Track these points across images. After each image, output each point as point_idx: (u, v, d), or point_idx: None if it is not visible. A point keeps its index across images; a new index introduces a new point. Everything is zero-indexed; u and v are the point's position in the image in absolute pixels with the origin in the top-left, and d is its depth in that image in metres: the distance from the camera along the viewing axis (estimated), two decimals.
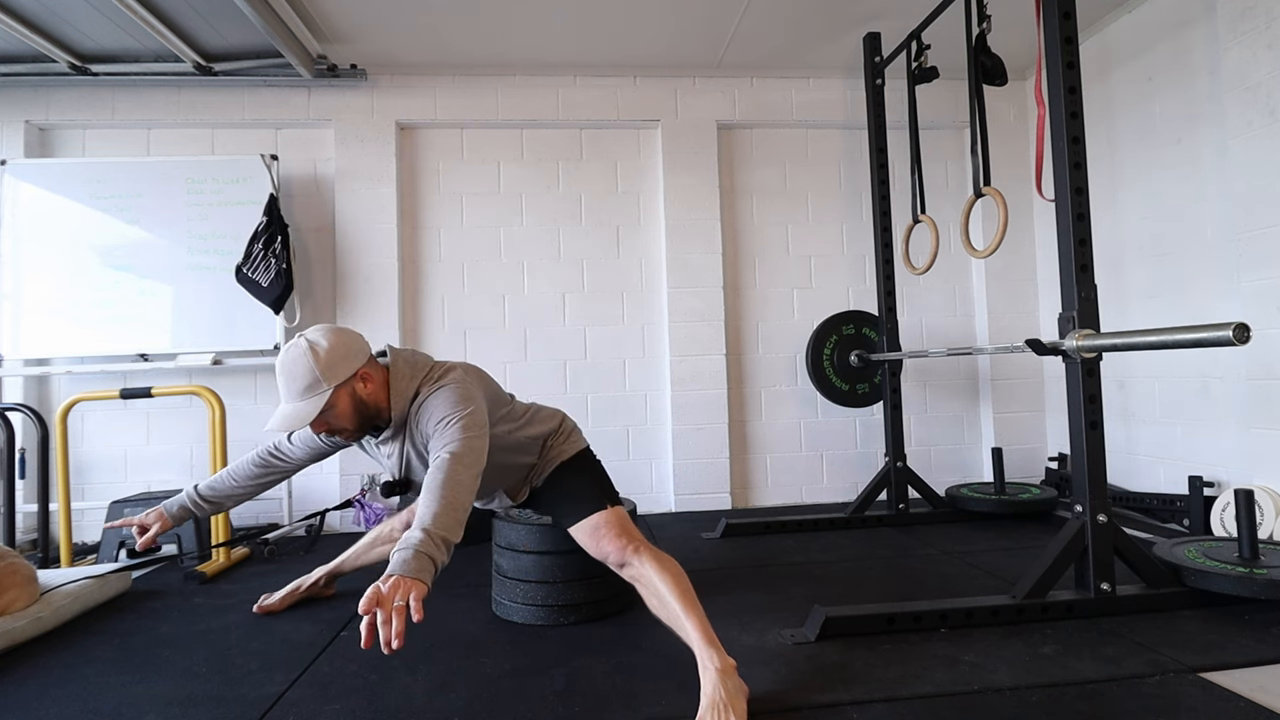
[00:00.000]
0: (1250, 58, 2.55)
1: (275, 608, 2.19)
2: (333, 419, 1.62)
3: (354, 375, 1.62)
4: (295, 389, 1.57)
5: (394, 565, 1.28)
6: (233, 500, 1.94)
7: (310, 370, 1.56)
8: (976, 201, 2.67)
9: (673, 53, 3.52)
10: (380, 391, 1.66)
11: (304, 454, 1.91)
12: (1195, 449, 2.90)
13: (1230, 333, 1.47)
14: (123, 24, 2.98)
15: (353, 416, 1.64)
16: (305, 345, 1.59)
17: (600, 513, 1.78)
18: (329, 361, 1.58)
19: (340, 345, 1.61)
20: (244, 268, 3.19)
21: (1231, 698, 1.47)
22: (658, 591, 1.61)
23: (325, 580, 2.29)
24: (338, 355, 1.60)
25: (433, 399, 1.63)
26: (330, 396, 1.57)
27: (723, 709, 1.39)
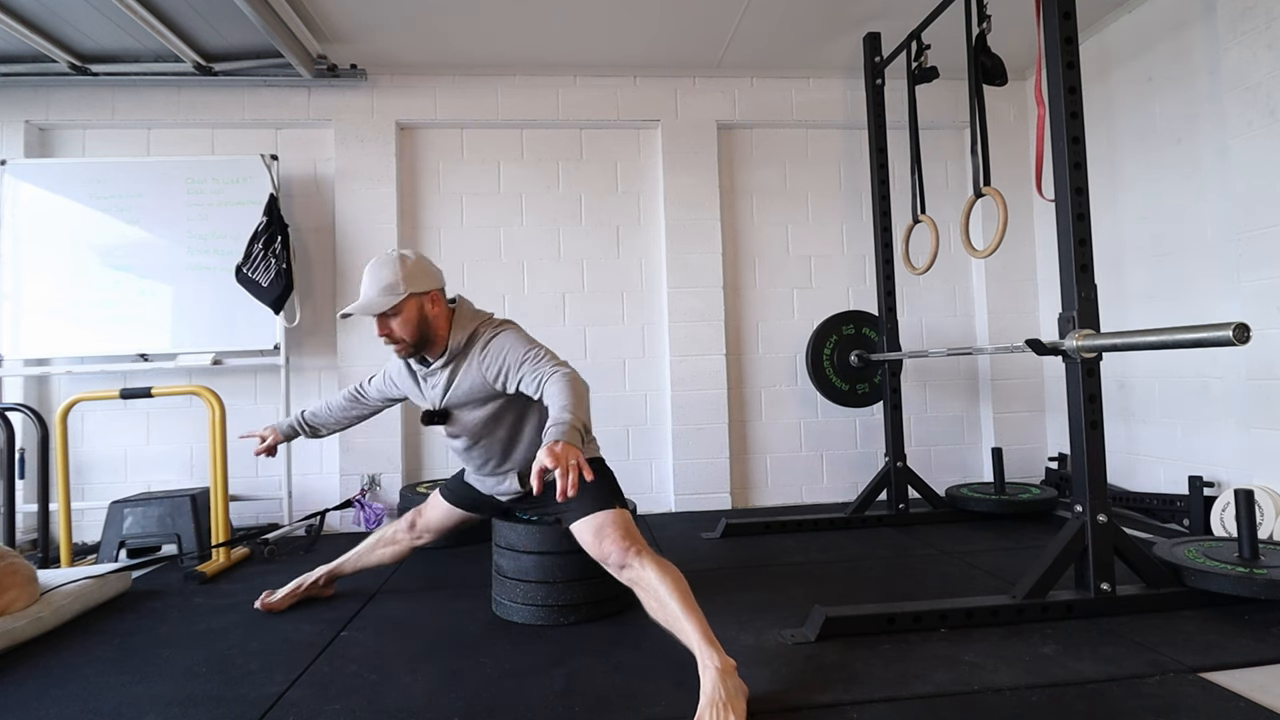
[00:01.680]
0: (1250, 58, 2.55)
1: (277, 606, 2.19)
2: (396, 324, 1.81)
3: (426, 293, 1.83)
4: (376, 286, 1.78)
5: (554, 435, 1.45)
6: (326, 429, 2.23)
7: (394, 273, 1.79)
8: (976, 201, 2.67)
9: (673, 53, 3.52)
10: (442, 320, 1.87)
11: (378, 397, 2.16)
12: (1195, 449, 2.90)
13: (1230, 333, 1.47)
14: (123, 24, 2.98)
15: (414, 329, 1.82)
16: (395, 254, 1.83)
17: (606, 512, 1.79)
18: (410, 273, 1.80)
19: (422, 264, 1.85)
20: (244, 268, 3.19)
21: (1231, 698, 1.47)
22: (657, 594, 1.61)
23: (325, 580, 2.28)
24: (419, 270, 1.83)
25: (501, 338, 1.84)
26: (402, 300, 1.78)
27: (722, 707, 1.40)
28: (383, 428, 3.44)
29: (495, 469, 2.02)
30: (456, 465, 3.59)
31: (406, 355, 1.89)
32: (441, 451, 3.58)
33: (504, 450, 1.99)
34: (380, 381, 2.13)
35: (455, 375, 1.87)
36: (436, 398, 1.92)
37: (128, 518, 2.86)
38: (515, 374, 1.78)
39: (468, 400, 1.88)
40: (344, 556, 2.30)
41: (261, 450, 2.18)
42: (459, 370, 1.87)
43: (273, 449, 2.20)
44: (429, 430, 3.57)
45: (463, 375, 1.86)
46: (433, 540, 2.27)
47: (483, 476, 2.08)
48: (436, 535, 2.25)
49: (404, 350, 1.86)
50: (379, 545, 2.28)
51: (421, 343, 1.85)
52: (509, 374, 1.79)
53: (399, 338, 1.82)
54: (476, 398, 1.88)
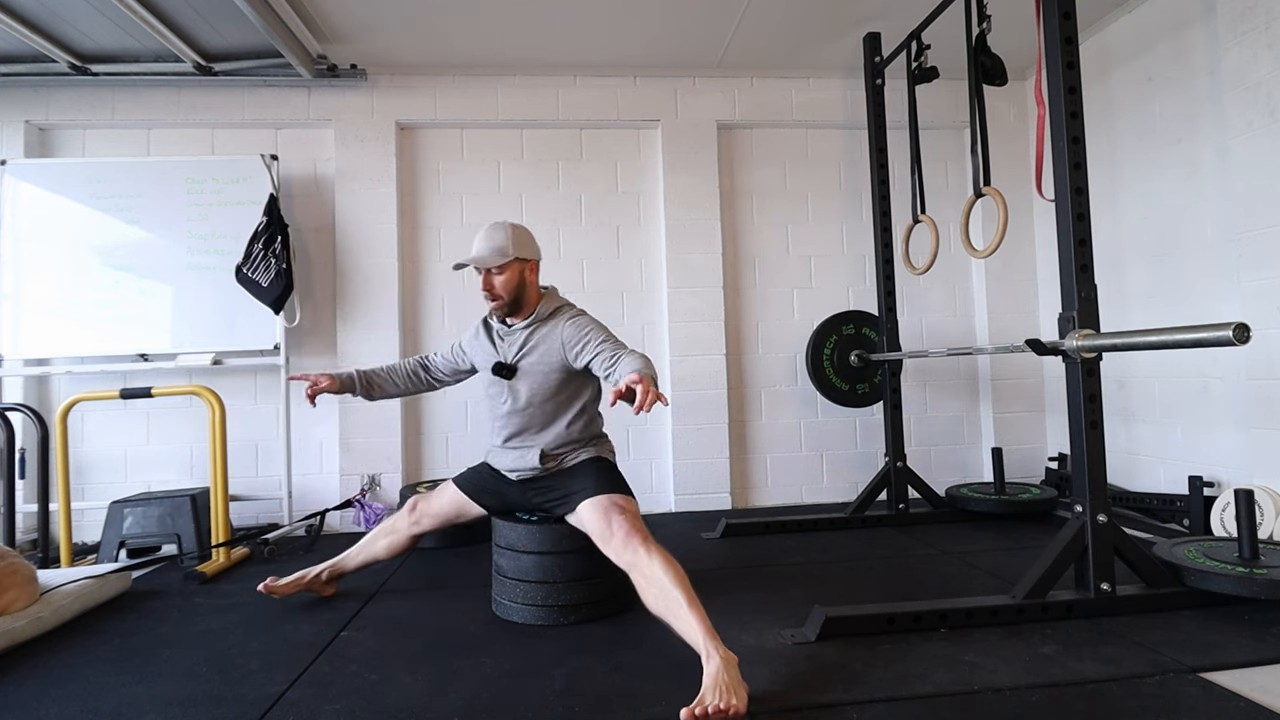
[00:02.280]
0: (1250, 58, 2.55)
1: (280, 590, 2.19)
2: (499, 282, 2.01)
3: (528, 261, 2.05)
4: (489, 245, 2.01)
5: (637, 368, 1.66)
6: (381, 392, 2.29)
7: (506, 237, 2.01)
8: (976, 201, 2.67)
9: (673, 53, 3.52)
10: (534, 290, 2.09)
11: (447, 370, 2.29)
12: (1195, 449, 2.90)
13: (1230, 333, 1.47)
14: (123, 24, 2.98)
15: (512, 289, 2.02)
16: (507, 223, 2.05)
17: (615, 495, 1.91)
18: (519, 240, 2.03)
19: (529, 236, 2.08)
20: (244, 268, 3.19)
21: (1231, 698, 1.47)
22: (661, 584, 1.65)
23: (328, 576, 2.28)
24: (526, 239, 2.06)
25: (581, 318, 2.05)
26: (509, 262, 2.00)
27: (725, 689, 1.41)
28: (383, 427, 3.44)
29: (526, 440, 2.07)
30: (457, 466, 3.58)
31: (500, 312, 2.07)
32: (441, 451, 3.58)
33: (544, 421, 2.06)
34: (449, 354, 2.27)
35: (533, 338, 2.05)
36: (510, 353, 2.07)
37: (128, 518, 2.86)
38: (594, 349, 1.93)
39: (538, 363, 2.03)
40: (347, 552, 2.29)
41: (312, 392, 2.17)
42: (538, 334, 2.05)
43: (319, 393, 2.18)
44: (429, 431, 3.57)
45: (541, 339, 2.04)
46: (431, 527, 2.24)
47: (508, 449, 2.10)
48: (435, 523, 2.23)
49: (499, 307, 2.04)
50: (380, 536, 2.27)
51: (514, 304, 2.04)
52: (587, 347, 1.95)
53: (498, 294, 2.01)
54: (546, 362, 2.02)
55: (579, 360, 1.96)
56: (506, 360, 2.06)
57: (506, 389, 2.06)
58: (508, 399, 2.06)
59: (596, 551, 2.05)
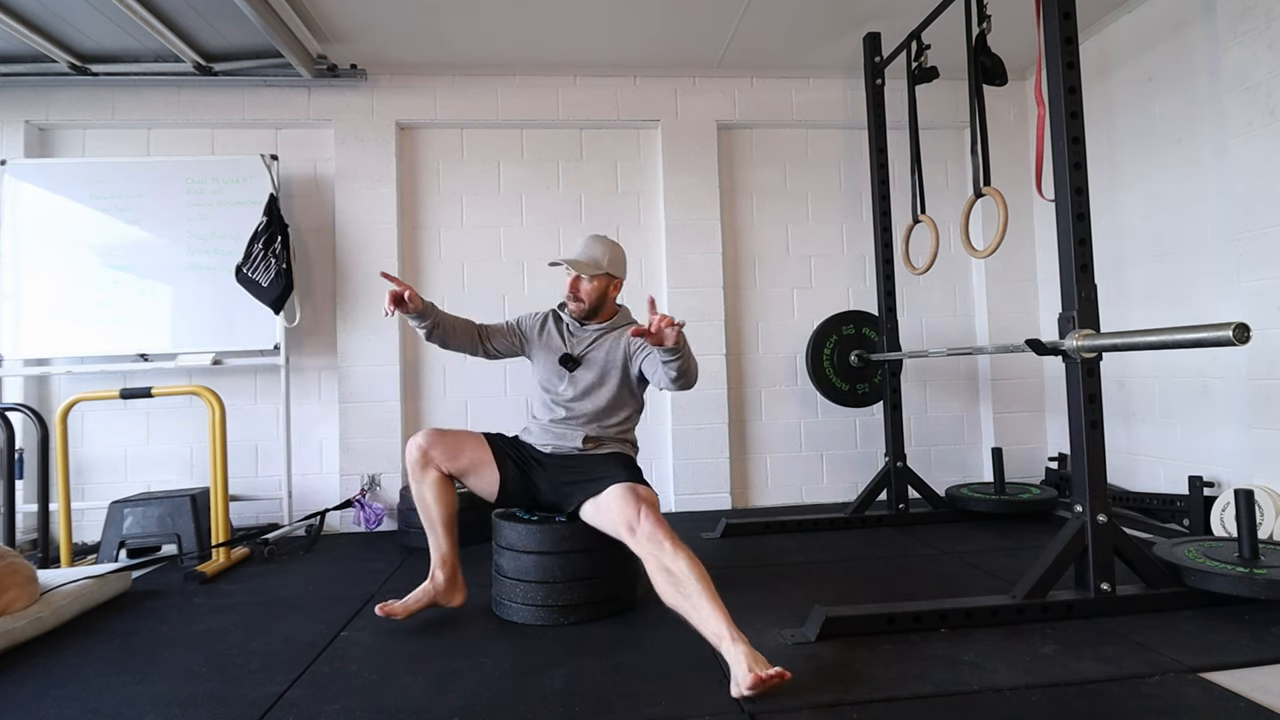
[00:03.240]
0: (1250, 58, 2.55)
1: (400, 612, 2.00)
2: (586, 289, 2.16)
3: (615, 278, 2.22)
4: (586, 254, 2.17)
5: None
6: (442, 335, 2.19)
7: (605, 251, 2.18)
8: (976, 201, 2.67)
9: (673, 53, 3.52)
10: (612, 304, 2.26)
11: (499, 346, 2.29)
12: (1195, 449, 2.90)
13: (1230, 333, 1.47)
14: (123, 24, 2.98)
15: (595, 298, 2.17)
16: (609, 240, 2.21)
17: (643, 486, 1.97)
18: (615, 258, 2.20)
19: (623, 255, 2.25)
20: (244, 268, 3.19)
21: (1231, 698, 1.47)
22: (684, 576, 1.67)
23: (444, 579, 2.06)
24: (620, 258, 2.23)
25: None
26: (601, 274, 2.16)
27: (761, 662, 1.49)
28: (383, 427, 3.44)
29: (572, 423, 2.16)
30: None
31: (578, 314, 2.20)
32: None
33: (593, 413, 2.16)
34: (504, 327, 2.30)
35: (603, 340, 2.20)
36: (578, 348, 2.21)
37: (128, 518, 2.86)
38: (645, 353, 2.07)
39: (601, 361, 2.18)
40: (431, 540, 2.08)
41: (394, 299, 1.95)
42: (607, 338, 2.20)
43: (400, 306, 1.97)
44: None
45: (609, 342, 2.20)
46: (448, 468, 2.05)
47: (553, 427, 2.17)
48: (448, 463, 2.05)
49: (579, 309, 2.19)
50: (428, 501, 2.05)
51: (593, 310, 2.19)
52: (642, 351, 2.09)
53: (581, 298, 2.16)
54: (609, 361, 2.17)
55: (635, 362, 2.13)
56: (574, 353, 2.20)
57: (567, 379, 2.18)
58: (566, 387, 2.18)
59: (596, 552, 2.06)
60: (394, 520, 3.35)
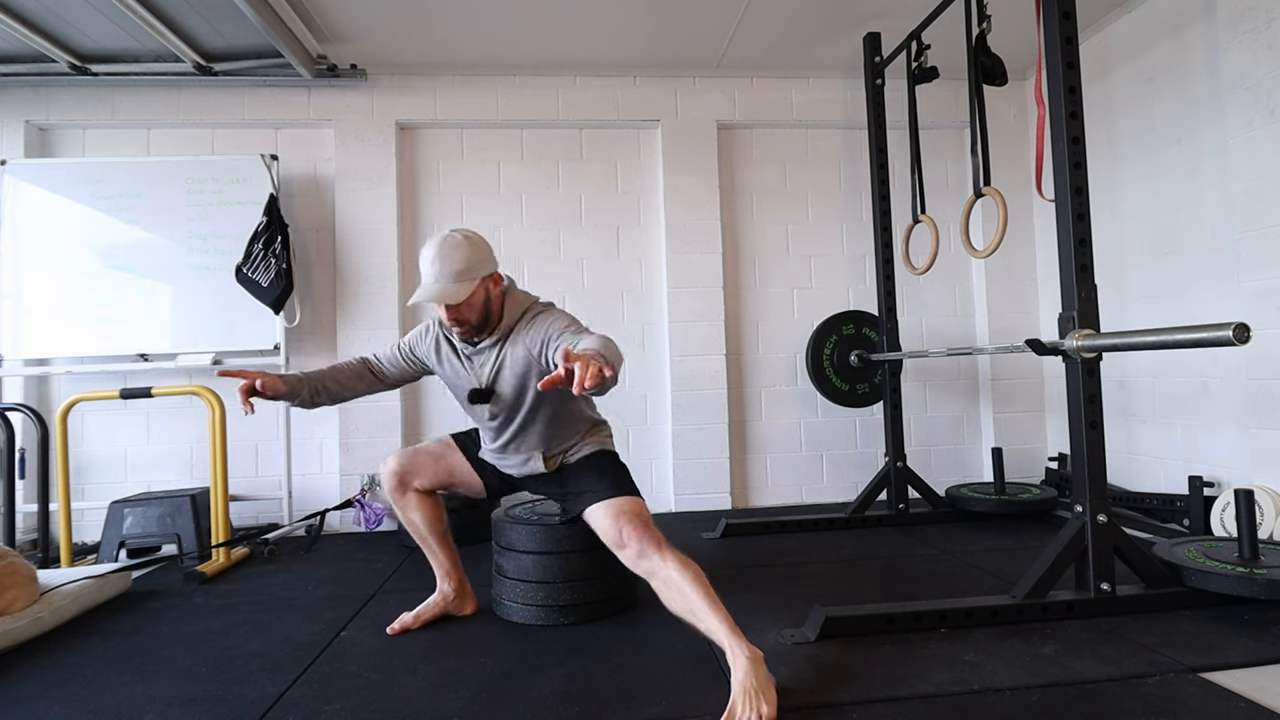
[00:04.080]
0: (1250, 58, 2.55)
1: (413, 625, 2.01)
2: (465, 308, 1.77)
3: (490, 275, 1.81)
4: (449, 270, 1.73)
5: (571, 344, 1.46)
6: (329, 396, 1.97)
7: (466, 258, 1.74)
8: (976, 201, 2.67)
9: (673, 53, 3.52)
10: (498, 300, 1.86)
11: (394, 374, 2.03)
12: (1195, 449, 2.90)
13: (1230, 333, 1.47)
14: (123, 24, 2.98)
15: (480, 312, 1.80)
16: (462, 238, 1.77)
17: (624, 498, 1.81)
18: (481, 257, 1.78)
19: (484, 245, 1.82)
20: (244, 268, 3.19)
21: (1231, 698, 1.47)
22: (679, 587, 1.61)
23: (453, 592, 2.08)
24: (485, 254, 1.80)
25: (548, 314, 1.87)
26: (474, 284, 1.75)
27: (755, 694, 1.42)
28: (383, 427, 3.44)
29: (522, 444, 1.96)
30: None
31: (468, 338, 1.85)
32: None
33: (540, 429, 1.94)
34: (393, 356, 2.01)
35: (503, 353, 1.86)
36: (484, 376, 1.88)
37: (128, 518, 2.86)
38: (555, 342, 1.74)
39: (513, 379, 1.86)
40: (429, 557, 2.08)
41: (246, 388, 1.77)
42: (507, 348, 1.85)
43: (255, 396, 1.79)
44: (429, 431, 3.57)
45: (511, 352, 1.85)
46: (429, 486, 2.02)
47: (508, 455, 1.99)
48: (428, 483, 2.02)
49: (466, 333, 1.83)
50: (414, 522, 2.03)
51: (483, 324, 1.83)
52: (550, 343, 1.77)
53: (465, 320, 1.79)
54: (521, 375, 1.85)
55: (546, 357, 1.81)
56: (481, 385, 1.89)
57: (487, 410, 1.93)
58: (490, 418, 1.94)
59: (596, 552, 2.05)
60: (394, 520, 3.34)
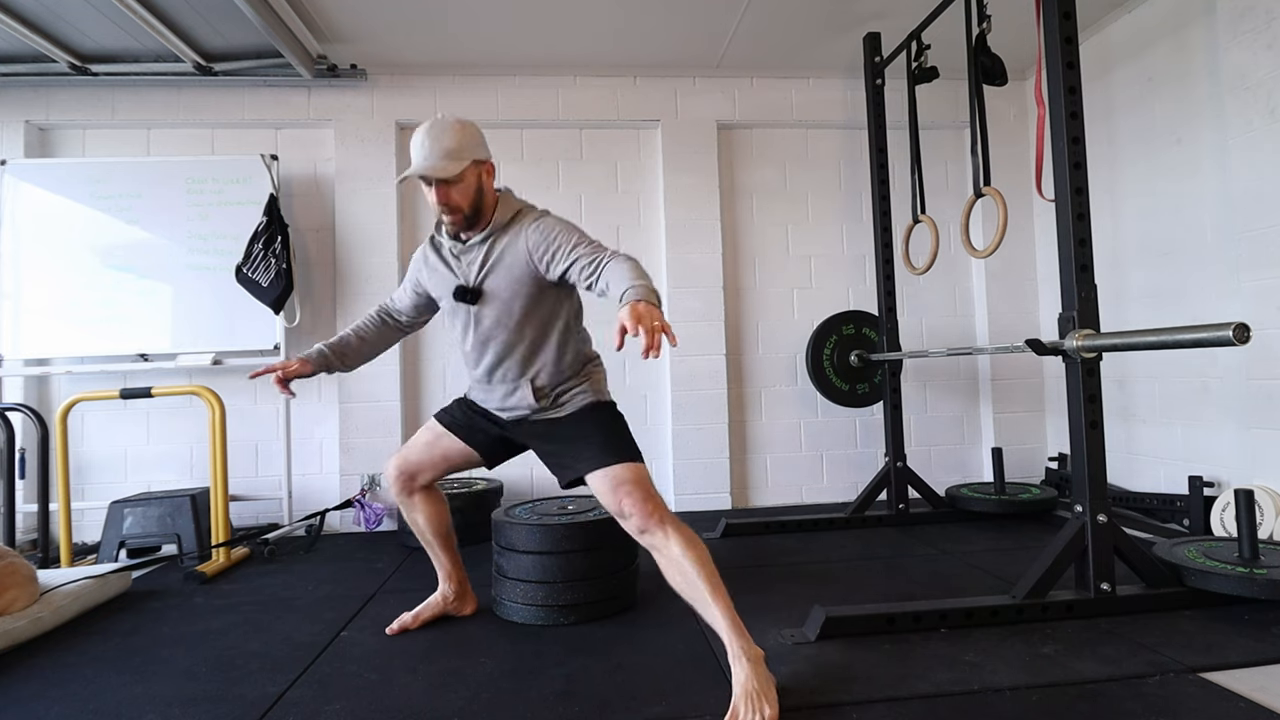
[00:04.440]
0: (1250, 58, 2.55)
1: (412, 624, 2.01)
2: (457, 191, 1.70)
3: (484, 163, 1.75)
4: (439, 149, 1.67)
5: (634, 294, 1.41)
6: (357, 357, 2.01)
7: (457, 139, 1.69)
8: (976, 201, 2.67)
9: (673, 53, 3.52)
10: (492, 195, 1.79)
11: (409, 309, 2.00)
12: (1195, 449, 2.90)
13: (1230, 333, 1.47)
14: (123, 24, 2.98)
15: (471, 198, 1.73)
16: (454, 120, 1.72)
17: (624, 465, 1.71)
18: (474, 140, 1.72)
19: (478, 133, 1.76)
20: (244, 268, 3.19)
21: (1231, 698, 1.47)
22: (683, 569, 1.56)
23: (453, 593, 2.08)
24: (478, 139, 1.74)
25: (546, 220, 1.75)
26: (466, 167, 1.69)
27: (757, 697, 1.41)
28: (383, 427, 3.44)
29: (510, 370, 1.81)
30: None
31: (459, 227, 1.77)
32: None
33: (528, 349, 1.79)
34: (403, 292, 1.98)
35: (494, 251, 1.75)
36: (471, 274, 1.78)
37: (128, 518, 2.86)
38: (567, 256, 1.65)
39: (504, 281, 1.75)
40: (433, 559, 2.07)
41: (281, 379, 1.91)
42: (499, 246, 1.75)
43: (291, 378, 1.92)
44: None
45: (504, 251, 1.74)
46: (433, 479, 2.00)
47: (493, 385, 1.85)
48: (432, 474, 1.98)
49: (457, 221, 1.75)
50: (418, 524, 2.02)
51: (475, 215, 1.74)
52: (558, 254, 1.67)
53: (456, 205, 1.71)
54: (513, 277, 1.74)
55: (552, 271, 1.69)
56: (469, 283, 1.77)
57: (472, 316, 1.79)
58: (475, 327, 1.80)
59: (596, 551, 2.06)
60: (394, 520, 3.35)
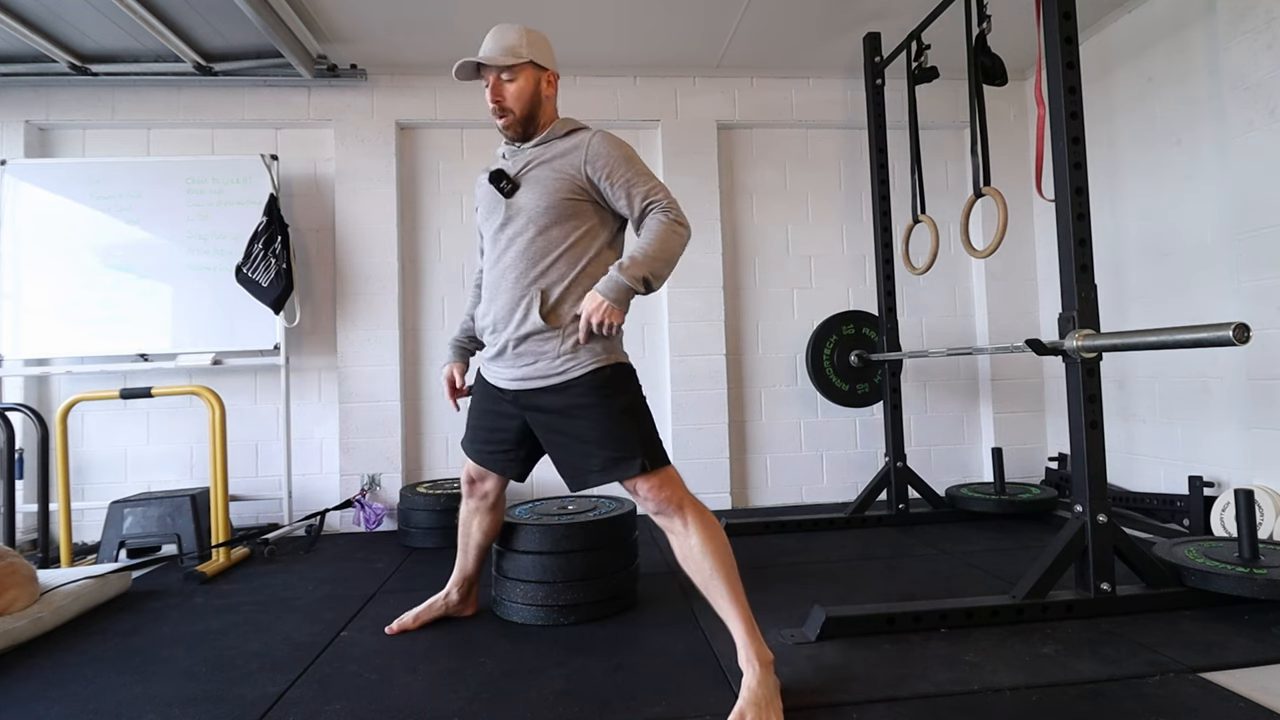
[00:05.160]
0: (1250, 58, 2.55)
1: (412, 625, 2.01)
2: (510, 91, 1.69)
3: (545, 70, 1.73)
4: (500, 45, 1.69)
5: (601, 284, 1.43)
6: None
7: (520, 38, 1.70)
8: (976, 201, 2.67)
9: (673, 53, 3.52)
10: (551, 107, 1.77)
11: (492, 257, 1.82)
12: (1195, 449, 2.90)
13: (1230, 333, 1.47)
14: (123, 24, 2.98)
15: (526, 102, 1.70)
16: (523, 26, 1.74)
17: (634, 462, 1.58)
18: (535, 42, 1.72)
19: (546, 42, 1.77)
20: (244, 268, 3.19)
21: (1231, 698, 1.47)
22: (699, 560, 1.55)
23: (459, 595, 2.08)
24: (544, 45, 1.75)
25: (611, 139, 1.69)
26: (523, 65, 1.68)
27: (764, 707, 1.41)
28: (382, 427, 3.44)
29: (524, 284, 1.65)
30: (456, 467, 3.57)
31: (511, 133, 1.73)
32: (441, 452, 3.57)
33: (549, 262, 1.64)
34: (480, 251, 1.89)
35: (546, 154, 1.69)
36: (516, 167, 1.71)
37: (128, 518, 2.86)
38: (623, 183, 1.62)
39: (549, 176, 1.66)
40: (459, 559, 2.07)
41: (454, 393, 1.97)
42: (551, 149, 1.70)
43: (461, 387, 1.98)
44: (429, 431, 3.57)
45: (555, 153, 1.68)
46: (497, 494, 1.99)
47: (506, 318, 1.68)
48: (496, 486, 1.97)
49: (510, 125, 1.71)
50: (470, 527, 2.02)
51: (528, 121, 1.71)
52: (614, 176, 1.62)
53: (509, 107, 1.68)
54: (557, 172, 1.66)
55: (601, 187, 1.64)
56: (512, 174, 1.69)
57: (503, 212, 1.68)
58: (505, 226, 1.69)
59: (596, 551, 2.06)
60: (394, 520, 3.35)
